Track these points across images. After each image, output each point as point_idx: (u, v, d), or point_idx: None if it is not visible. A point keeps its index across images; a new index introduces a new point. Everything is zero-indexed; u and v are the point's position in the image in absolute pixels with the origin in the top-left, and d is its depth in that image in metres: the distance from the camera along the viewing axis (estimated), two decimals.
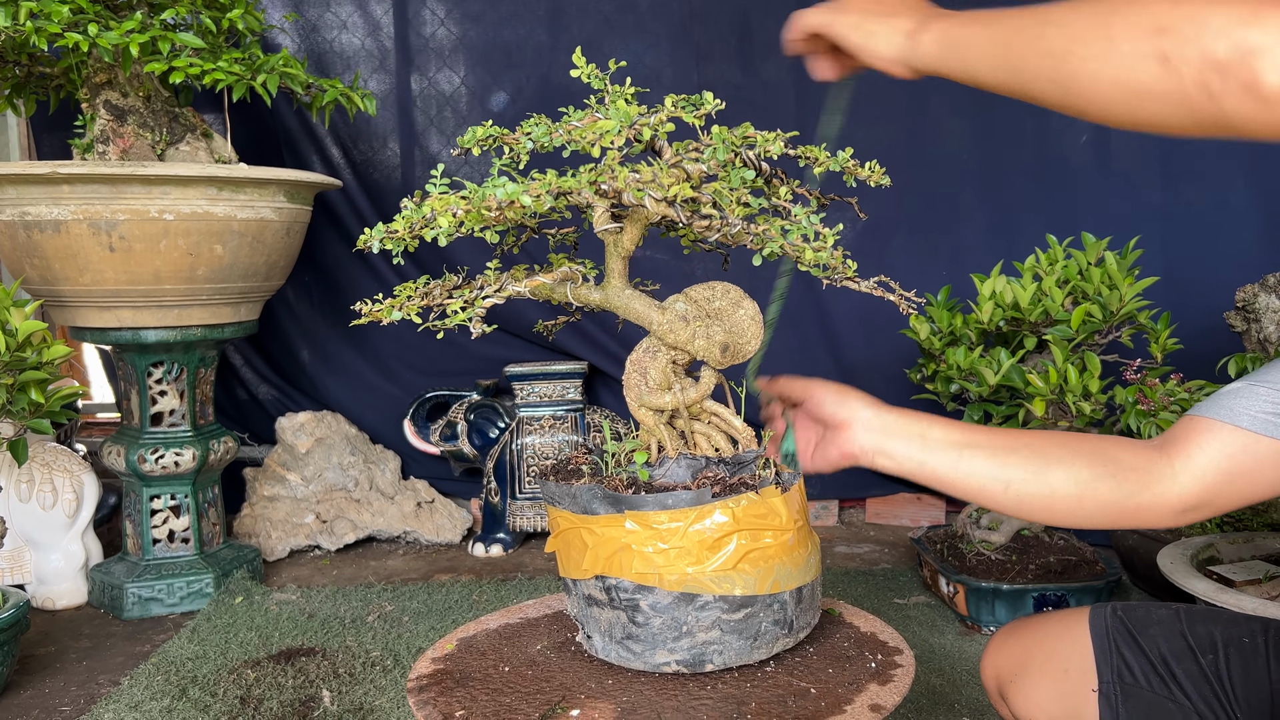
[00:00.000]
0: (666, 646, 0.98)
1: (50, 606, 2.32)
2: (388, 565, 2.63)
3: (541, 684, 1.01)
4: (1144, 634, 1.02)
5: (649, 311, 0.99)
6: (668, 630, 0.98)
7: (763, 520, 0.97)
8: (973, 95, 2.84)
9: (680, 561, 0.96)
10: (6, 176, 2.04)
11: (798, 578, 1.02)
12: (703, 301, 1.02)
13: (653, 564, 0.96)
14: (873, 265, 2.90)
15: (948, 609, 2.17)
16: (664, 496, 0.95)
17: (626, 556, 0.98)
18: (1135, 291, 1.84)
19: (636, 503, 0.97)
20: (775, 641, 1.02)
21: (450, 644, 1.15)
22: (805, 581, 1.03)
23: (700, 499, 0.95)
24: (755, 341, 1.04)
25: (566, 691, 0.98)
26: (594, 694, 0.97)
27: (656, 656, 0.99)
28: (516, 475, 2.68)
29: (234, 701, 1.78)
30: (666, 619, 0.98)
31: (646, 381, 1.00)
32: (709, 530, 0.95)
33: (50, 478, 2.34)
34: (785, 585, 1.00)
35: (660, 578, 0.96)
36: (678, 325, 0.99)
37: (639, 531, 0.97)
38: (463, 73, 2.96)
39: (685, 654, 0.98)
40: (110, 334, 2.21)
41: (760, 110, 2.93)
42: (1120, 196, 2.74)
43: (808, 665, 1.04)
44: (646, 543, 0.97)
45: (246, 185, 2.16)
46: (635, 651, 1.00)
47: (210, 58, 2.14)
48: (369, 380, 3.03)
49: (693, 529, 0.95)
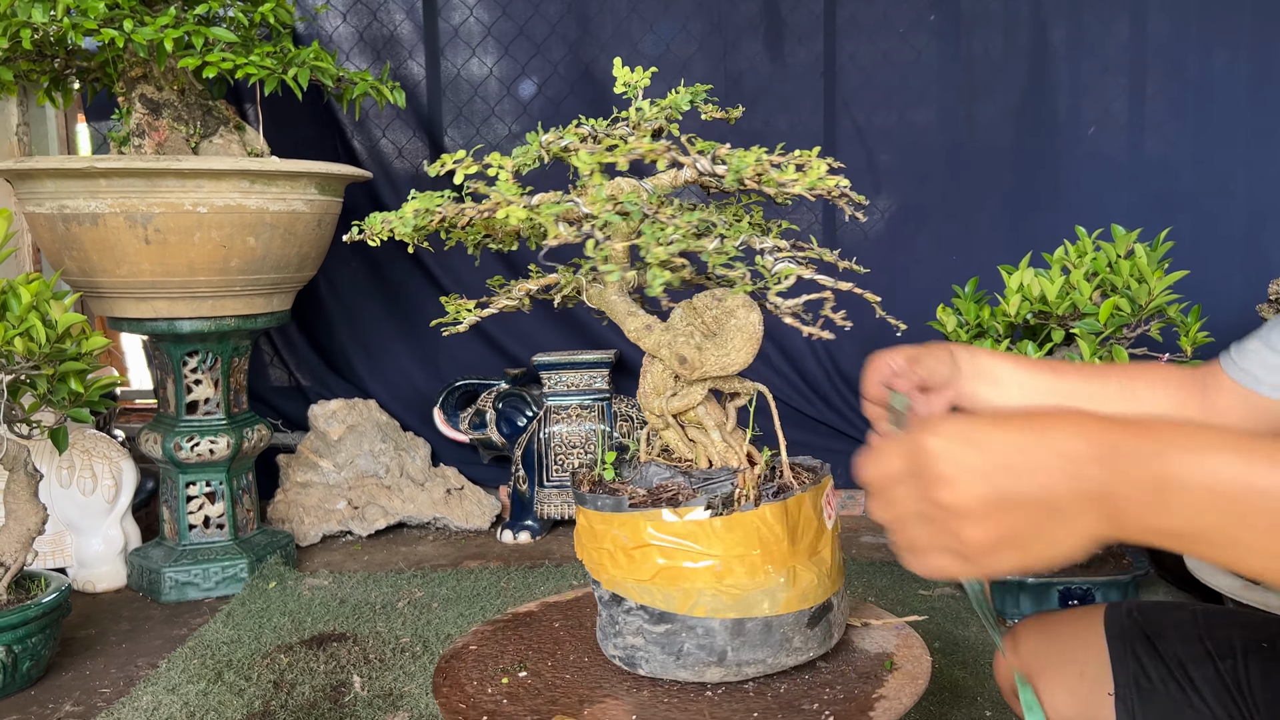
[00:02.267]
0: (610, 639, 1.02)
1: (91, 589, 2.38)
2: (418, 551, 2.67)
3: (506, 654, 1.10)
4: (1160, 637, 1.01)
5: (625, 316, 0.97)
6: (608, 624, 1.03)
7: (681, 541, 0.95)
8: (1004, 79, 2.82)
9: (608, 562, 0.99)
10: (45, 170, 2.08)
11: (733, 610, 0.95)
12: (701, 309, 0.97)
13: (594, 559, 1.02)
14: (899, 254, 2.90)
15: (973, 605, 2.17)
16: (596, 498, 1.00)
17: (584, 548, 1.04)
18: (1165, 285, 1.83)
19: (583, 500, 1.03)
20: (705, 668, 0.97)
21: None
22: (745, 615, 0.96)
23: (619, 505, 0.97)
24: (742, 356, 0.95)
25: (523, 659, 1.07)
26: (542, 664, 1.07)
27: (607, 647, 1.04)
28: (544, 463, 2.71)
29: (267, 686, 1.83)
30: (605, 614, 1.03)
31: (646, 383, 1.00)
32: (627, 538, 0.97)
33: (90, 464, 2.39)
34: (712, 613, 0.95)
35: (600, 573, 1.02)
36: (643, 332, 0.96)
37: (586, 528, 1.03)
38: (490, 61, 2.97)
39: (620, 650, 1.01)
40: (146, 324, 2.26)
41: (787, 100, 2.92)
42: (1152, 185, 2.71)
43: (747, 703, 0.97)
44: (589, 539, 1.02)
45: (278, 178, 2.19)
46: (599, 638, 1.07)
47: (242, 51, 2.16)
48: (400, 367, 3.07)
49: (614, 533, 0.98)
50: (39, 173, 2.09)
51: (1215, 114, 2.68)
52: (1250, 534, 0.56)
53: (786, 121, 2.94)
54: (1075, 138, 2.77)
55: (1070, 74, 2.77)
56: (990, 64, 2.82)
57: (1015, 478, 0.58)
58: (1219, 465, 0.56)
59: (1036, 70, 2.79)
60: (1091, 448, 0.57)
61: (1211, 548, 0.57)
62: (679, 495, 0.97)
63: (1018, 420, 0.60)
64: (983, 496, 0.58)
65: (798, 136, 2.93)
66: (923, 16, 2.85)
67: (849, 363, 2.90)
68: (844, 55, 2.89)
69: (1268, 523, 0.56)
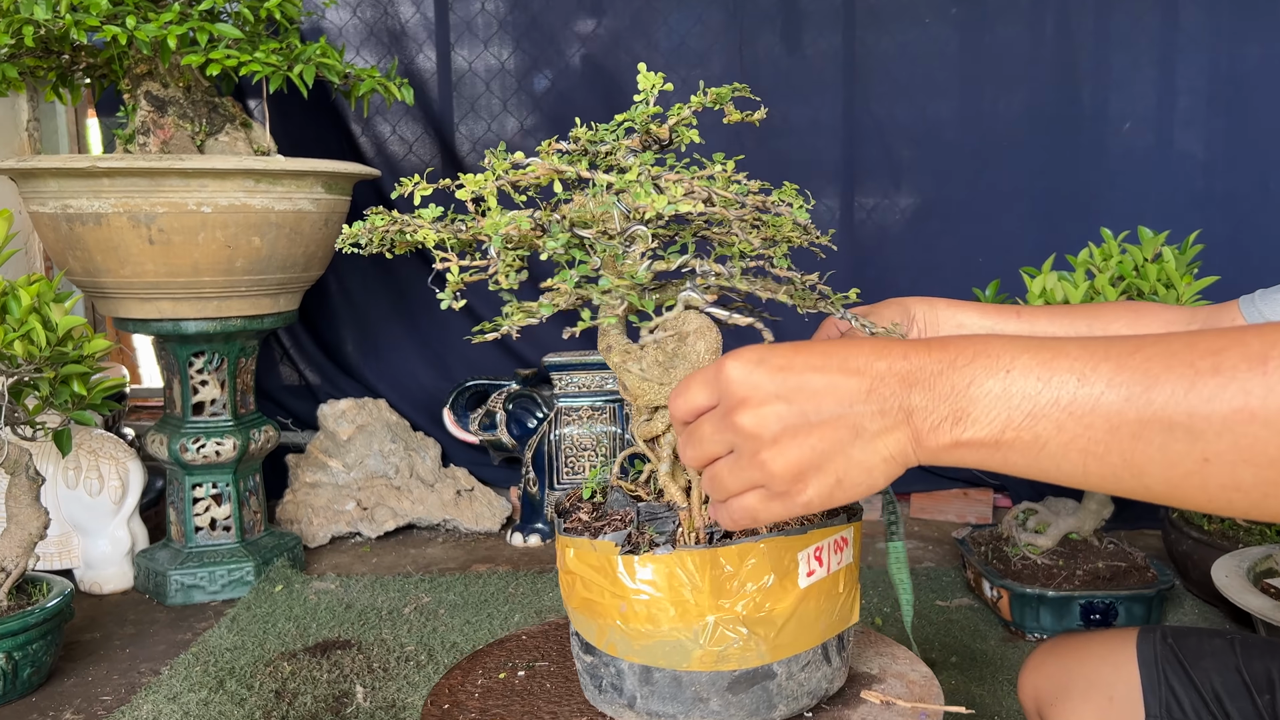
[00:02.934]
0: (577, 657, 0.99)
1: (97, 591, 2.37)
2: (427, 554, 2.64)
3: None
4: (1196, 666, 0.97)
5: (601, 338, 0.91)
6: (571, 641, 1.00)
7: (592, 574, 0.89)
8: (1026, 74, 2.74)
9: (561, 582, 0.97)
10: (48, 170, 2.05)
11: (639, 655, 0.86)
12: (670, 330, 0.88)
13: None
14: (921, 255, 2.83)
15: (991, 613, 2.12)
16: (546, 523, 0.97)
17: None
18: (1193, 292, 1.76)
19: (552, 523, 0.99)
20: (621, 710, 0.89)
21: None
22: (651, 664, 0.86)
23: (558, 527, 0.95)
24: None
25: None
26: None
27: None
28: (555, 465, 2.67)
29: (269, 696, 1.80)
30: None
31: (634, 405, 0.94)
32: (563, 562, 0.94)
33: (97, 464, 2.37)
34: (625, 655, 0.87)
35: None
36: (605, 353, 0.90)
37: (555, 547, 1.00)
38: (503, 55, 2.93)
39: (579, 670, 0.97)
40: (151, 325, 2.23)
41: (805, 93, 2.86)
42: (1180, 184, 2.63)
43: None
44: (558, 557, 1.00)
45: (284, 177, 2.15)
46: None
47: (248, 48, 2.13)
48: (411, 367, 3.04)
49: (558, 555, 0.95)
50: (42, 172, 2.07)
51: (1251, 109, 2.59)
52: (1055, 433, 0.52)
53: (805, 115, 2.88)
54: (1106, 135, 2.69)
55: (1100, 68, 2.69)
56: (1015, 57, 2.74)
57: (815, 398, 0.57)
58: (1013, 364, 0.53)
59: (1064, 64, 2.71)
60: (891, 365, 0.56)
61: (1023, 454, 0.54)
62: (607, 526, 0.92)
63: (819, 344, 0.59)
64: (782, 417, 0.57)
65: (816, 131, 2.87)
66: (945, 8, 2.77)
67: None
68: (864, 47, 2.82)
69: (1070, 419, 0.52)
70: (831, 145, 2.87)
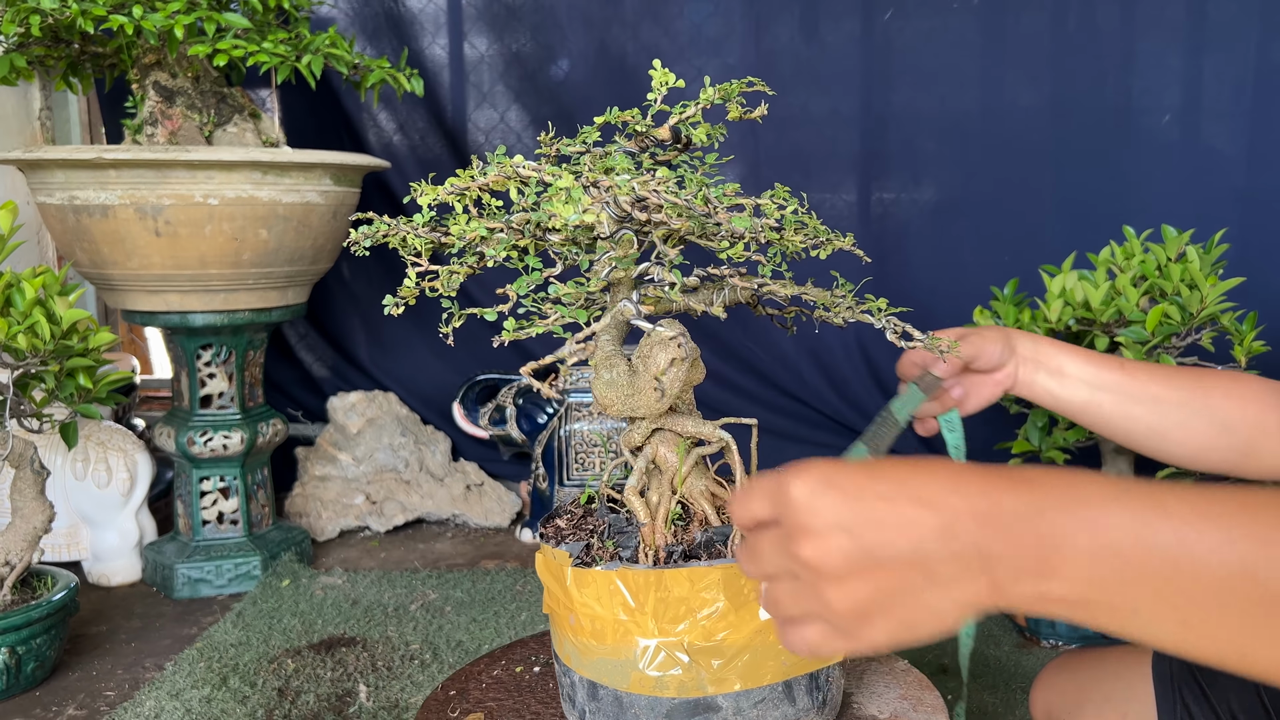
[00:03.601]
0: None
1: (105, 583, 2.37)
2: (435, 549, 2.62)
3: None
4: (1213, 685, 0.94)
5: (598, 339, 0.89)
6: None
7: (551, 582, 0.88)
8: (1049, 67, 2.68)
9: None
10: (55, 161, 2.04)
11: (586, 669, 0.84)
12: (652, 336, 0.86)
13: None
14: (942, 252, 2.77)
15: (1006, 619, 2.08)
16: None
17: None
18: (1218, 293, 1.70)
19: None
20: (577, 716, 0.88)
21: None
22: (596, 679, 0.84)
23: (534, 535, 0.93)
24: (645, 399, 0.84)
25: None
26: None
27: None
28: (564, 461, 2.65)
29: (272, 693, 1.79)
30: None
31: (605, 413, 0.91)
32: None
33: (105, 456, 2.37)
34: (577, 667, 0.85)
35: None
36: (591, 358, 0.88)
37: None
38: (518, 44, 2.89)
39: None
40: (159, 317, 2.22)
41: (824, 83, 2.80)
42: (1206, 183, 2.55)
43: None
44: None
45: (291, 169, 2.13)
46: None
47: (256, 38, 2.10)
48: (421, 361, 3.02)
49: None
50: (48, 163, 2.05)
51: None
52: (1151, 600, 0.48)
53: (824, 106, 2.82)
54: (1135, 128, 2.61)
55: (1131, 60, 2.61)
56: (1040, 47, 2.68)
57: (882, 534, 0.51)
58: (1106, 519, 0.48)
59: (1093, 55, 2.64)
60: (969, 502, 0.50)
61: (1112, 617, 0.49)
62: (574, 535, 0.90)
63: (890, 468, 0.53)
64: (846, 552, 0.51)
65: (835, 121, 2.81)
66: None
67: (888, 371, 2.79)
68: (884, 35, 2.76)
69: (1168, 586, 0.47)
70: (850, 137, 2.81)
